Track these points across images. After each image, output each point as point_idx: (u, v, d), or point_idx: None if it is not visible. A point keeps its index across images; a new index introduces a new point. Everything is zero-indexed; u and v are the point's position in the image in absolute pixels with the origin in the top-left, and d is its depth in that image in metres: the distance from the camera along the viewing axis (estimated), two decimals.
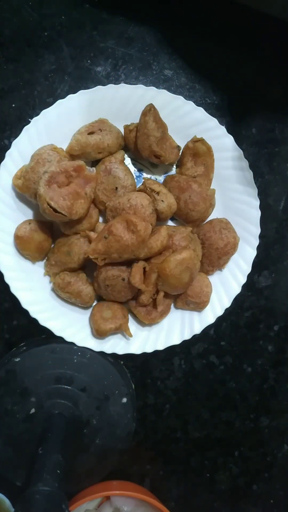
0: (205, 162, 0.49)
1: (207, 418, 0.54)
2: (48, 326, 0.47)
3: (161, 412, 0.54)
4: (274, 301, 0.54)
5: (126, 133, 0.48)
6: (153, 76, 0.52)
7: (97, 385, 0.48)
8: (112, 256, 0.44)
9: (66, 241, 0.47)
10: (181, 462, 0.55)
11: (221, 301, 0.49)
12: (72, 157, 0.48)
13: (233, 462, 0.55)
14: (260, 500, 0.56)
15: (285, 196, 0.53)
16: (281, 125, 0.53)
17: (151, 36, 0.52)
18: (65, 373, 0.48)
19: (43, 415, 0.47)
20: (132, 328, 0.48)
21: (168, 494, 0.55)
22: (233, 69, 0.53)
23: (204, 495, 0.55)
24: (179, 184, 0.47)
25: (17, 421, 0.48)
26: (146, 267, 0.46)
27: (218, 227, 0.48)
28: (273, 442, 0.55)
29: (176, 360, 0.53)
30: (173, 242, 0.46)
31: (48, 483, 0.39)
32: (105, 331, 0.46)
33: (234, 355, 0.54)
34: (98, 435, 0.49)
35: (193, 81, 0.52)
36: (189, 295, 0.48)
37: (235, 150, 0.49)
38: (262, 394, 0.55)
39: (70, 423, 0.47)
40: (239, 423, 0.55)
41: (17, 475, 0.49)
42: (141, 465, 0.54)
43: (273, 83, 0.53)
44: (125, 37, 0.52)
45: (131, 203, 0.44)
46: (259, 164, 0.53)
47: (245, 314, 0.54)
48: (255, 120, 0.52)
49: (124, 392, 0.49)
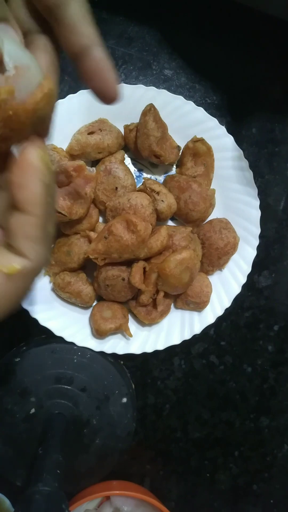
0: (205, 162, 0.49)
1: (207, 418, 0.54)
2: (48, 326, 0.47)
3: (161, 412, 0.54)
4: (274, 301, 0.54)
5: (126, 133, 0.48)
6: (153, 76, 0.52)
7: (97, 385, 0.48)
8: (112, 256, 0.44)
9: (66, 241, 0.47)
10: (181, 462, 0.55)
11: (221, 301, 0.49)
12: (72, 157, 0.48)
13: (233, 462, 0.55)
14: (260, 500, 0.56)
15: (285, 196, 0.53)
16: (281, 125, 0.53)
17: (151, 36, 0.52)
18: (65, 373, 0.48)
19: (43, 415, 0.47)
20: (132, 328, 0.48)
21: (168, 494, 0.55)
22: (233, 69, 0.52)
23: (204, 495, 0.55)
24: (179, 184, 0.47)
25: (17, 421, 0.48)
26: (146, 267, 0.46)
27: (218, 227, 0.48)
28: (273, 442, 0.55)
29: (176, 360, 0.53)
30: (173, 242, 0.46)
31: (48, 483, 0.39)
32: (105, 331, 0.46)
33: (234, 355, 0.54)
34: (98, 435, 0.49)
35: (193, 81, 0.52)
36: (189, 295, 0.48)
37: (235, 150, 0.49)
38: (262, 394, 0.55)
39: (70, 423, 0.47)
40: (239, 423, 0.55)
41: (17, 475, 0.49)
42: (141, 465, 0.54)
43: (273, 83, 0.53)
44: (125, 37, 0.52)
45: (131, 203, 0.44)
46: (259, 164, 0.53)
47: (245, 314, 0.54)
48: (255, 120, 0.52)
49: (124, 392, 0.49)
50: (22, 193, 0.19)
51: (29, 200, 0.19)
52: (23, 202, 0.19)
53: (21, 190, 0.19)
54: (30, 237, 0.20)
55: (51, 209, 0.21)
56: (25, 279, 0.20)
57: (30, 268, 0.20)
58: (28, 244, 0.20)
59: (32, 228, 0.20)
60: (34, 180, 0.19)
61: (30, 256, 0.20)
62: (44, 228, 0.20)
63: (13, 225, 0.20)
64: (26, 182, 0.19)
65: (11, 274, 0.19)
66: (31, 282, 0.20)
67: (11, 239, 0.20)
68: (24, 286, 0.20)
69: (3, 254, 0.20)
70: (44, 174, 0.20)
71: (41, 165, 0.20)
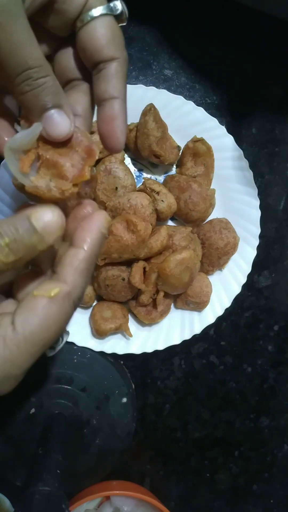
0: (205, 162, 0.49)
1: (207, 418, 0.54)
2: None
3: (161, 412, 0.54)
4: (274, 301, 0.54)
5: (126, 133, 0.48)
6: (153, 76, 0.52)
7: (97, 385, 0.48)
8: (112, 256, 0.44)
9: None
10: (181, 462, 0.55)
11: (221, 301, 0.49)
12: None
13: (233, 462, 0.55)
14: (260, 500, 0.56)
15: (285, 196, 0.53)
16: (281, 125, 0.53)
17: (151, 36, 0.52)
18: (65, 373, 0.48)
19: (43, 415, 0.47)
20: (132, 328, 0.48)
21: (168, 494, 0.55)
22: (233, 69, 0.52)
23: (204, 495, 0.55)
24: (179, 184, 0.47)
25: (17, 421, 0.48)
26: (146, 267, 0.46)
27: (218, 227, 0.48)
28: (273, 442, 0.55)
29: (176, 360, 0.53)
30: (173, 242, 0.46)
31: (48, 483, 0.39)
32: (105, 331, 0.46)
33: (234, 355, 0.54)
34: (98, 435, 0.49)
35: (193, 81, 0.52)
36: (189, 295, 0.48)
37: (235, 150, 0.49)
38: (262, 394, 0.55)
39: (70, 423, 0.47)
40: (239, 423, 0.55)
41: (17, 475, 0.49)
42: (141, 465, 0.54)
43: (273, 83, 0.53)
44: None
45: (131, 203, 0.44)
46: (259, 164, 0.53)
47: (245, 314, 0.54)
48: (255, 120, 0.52)
49: (124, 392, 0.49)
50: (82, 233, 0.23)
51: (83, 238, 0.23)
52: (79, 240, 0.23)
53: (82, 231, 0.23)
54: (73, 266, 0.22)
55: (96, 258, 0.24)
56: (65, 302, 0.22)
57: (68, 292, 0.22)
58: (69, 271, 0.22)
59: (77, 259, 0.22)
60: (96, 227, 0.23)
61: (68, 281, 0.22)
62: (88, 263, 0.23)
63: (63, 256, 0.23)
64: (90, 226, 0.23)
65: (51, 297, 0.21)
66: (71, 307, 0.23)
67: (58, 267, 0.23)
68: (65, 310, 0.22)
69: (47, 283, 0.22)
70: (104, 227, 0.24)
71: (104, 222, 0.24)
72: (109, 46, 0.25)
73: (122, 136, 0.27)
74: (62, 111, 0.23)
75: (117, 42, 0.26)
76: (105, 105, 0.26)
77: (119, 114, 0.26)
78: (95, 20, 0.25)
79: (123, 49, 0.26)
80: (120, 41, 0.26)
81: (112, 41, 0.26)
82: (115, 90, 0.26)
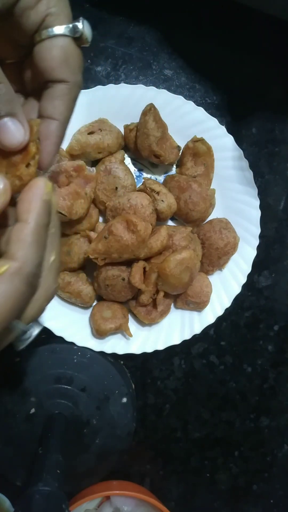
0: (205, 162, 0.49)
1: (207, 418, 0.54)
2: (48, 326, 0.47)
3: (161, 412, 0.54)
4: (274, 301, 0.54)
5: (126, 133, 0.48)
6: (153, 76, 0.52)
7: (97, 385, 0.48)
8: (112, 256, 0.44)
9: (66, 241, 0.47)
10: (181, 462, 0.55)
11: (221, 301, 0.49)
12: (72, 157, 0.48)
13: (233, 462, 0.55)
14: (260, 500, 0.56)
15: (285, 196, 0.53)
16: (281, 125, 0.53)
17: (151, 36, 0.52)
18: (65, 373, 0.48)
19: (43, 415, 0.47)
20: (132, 328, 0.48)
21: (168, 494, 0.55)
22: (233, 69, 0.52)
23: (204, 495, 0.55)
24: (179, 184, 0.47)
25: (17, 421, 0.48)
26: (146, 267, 0.46)
27: (218, 227, 0.48)
28: (273, 442, 0.55)
29: (176, 360, 0.53)
30: (173, 242, 0.46)
31: (48, 483, 0.39)
32: (105, 331, 0.46)
33: (234, 355, 0.54)
34: (98, 435, 0.49)
35: (193, 81, 0.52)
36: (189, 295, 0.48)
37: (235, 150, 0.49)
38: (262, 394, 0.55)
39: (70, 423, 0.47)
40: (239, 423, 0.55)
41: (17, 475, 0.49)
42: (141, 465, 0.54)
43: (273, 83, 0.53)
44: (125, 37, 0.52)
45: (131, 203, 0.44)
46: (259, 164, 0.53)
47: (245, 314, 0.54)
48: (255, 120, 0.52)
49: (124, 392, 0.49)
50: (23, 205, 0.22)
51: (26, 209, 0.22)
52: (22, 213, 0.22)
53: (22, 203, 0.22)
54: (21, 240, 0.21)
55: (46, 221, 0.23)
56: (15, 279, 0.21)
57: (17, 268, 0.21)
58: (17, 246, 0.21)
59: (23, 233, 0.21)
60: (36, 197, 0.22)
61: (17, 256, 0.21)
62: (36, 235, 0.22)
63: (11, 233, 0.22)
64: (29, 197, 0.22)
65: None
66: (24, 283, 0.21)
67: (7, 246, 0.22)
68: (16, 287, 0.21)
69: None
70: (46, 193, 0.22)
71: (45, 188, 0.23)
72: (60, 68, 0.25)
73: (48, 157, 0.27)
74: (15, 120, 0.23)
75: (71, 65, 0.25)
76: (42, 122, 0.26)
77: (51, 136, 0.26)
78: (51, 39, 0.25)
79: (77, 73, 0.26)
80: (75, 64, 0.26)
81: (65, 63, 0.25)
82: (55, 111, 0.26)
